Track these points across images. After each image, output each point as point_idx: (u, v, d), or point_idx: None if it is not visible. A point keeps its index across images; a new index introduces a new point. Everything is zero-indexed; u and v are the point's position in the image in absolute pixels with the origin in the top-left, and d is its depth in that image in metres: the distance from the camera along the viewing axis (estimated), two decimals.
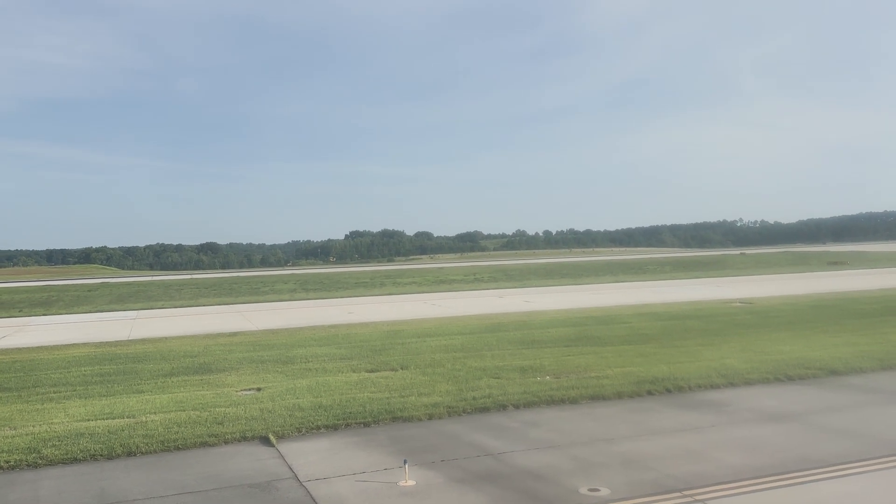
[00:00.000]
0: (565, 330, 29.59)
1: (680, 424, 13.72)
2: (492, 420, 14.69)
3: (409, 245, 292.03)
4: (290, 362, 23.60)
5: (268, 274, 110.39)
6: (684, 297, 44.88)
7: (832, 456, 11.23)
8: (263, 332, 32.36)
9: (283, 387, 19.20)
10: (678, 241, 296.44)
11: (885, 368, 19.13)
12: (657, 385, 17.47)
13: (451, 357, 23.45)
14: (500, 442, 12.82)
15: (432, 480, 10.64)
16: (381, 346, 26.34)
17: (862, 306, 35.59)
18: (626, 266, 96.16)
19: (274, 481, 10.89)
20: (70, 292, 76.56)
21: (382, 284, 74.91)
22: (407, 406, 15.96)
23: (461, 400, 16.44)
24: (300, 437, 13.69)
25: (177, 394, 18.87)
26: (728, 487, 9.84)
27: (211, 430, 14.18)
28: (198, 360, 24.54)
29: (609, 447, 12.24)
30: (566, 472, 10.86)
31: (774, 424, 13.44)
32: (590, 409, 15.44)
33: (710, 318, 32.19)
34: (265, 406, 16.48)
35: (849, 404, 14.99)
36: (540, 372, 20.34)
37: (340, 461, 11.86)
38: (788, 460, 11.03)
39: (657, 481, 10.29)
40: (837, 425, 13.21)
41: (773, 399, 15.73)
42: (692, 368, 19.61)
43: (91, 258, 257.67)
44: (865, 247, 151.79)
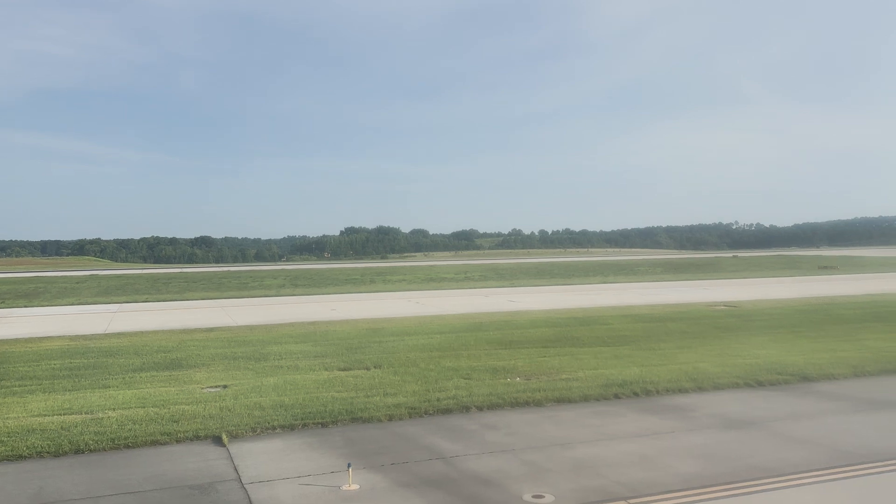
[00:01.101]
0: (545, 330, 29.40)
1: (640, 429, 13.53)
2: (452, 422, 14.48)
3: (404, 242, 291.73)
4: (263, 359, 23.36)
5: (258, 269, 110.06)
6: (670, 299, 44.73)
7: (785, 465, 11.04)
8: (242, 327, 32.09)
9: (249, 384, 18.96)
10: (674, 242, 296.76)
11: (857, 375, 18.96)
12: (625, 388, 17.28)
13: (427, 356, 23.23)
14: (456, 445, 12.60)
15: (377, 484, 10.43)
16: (358, 345, 26.11)
17: (845, 311, 35.47)
18: (617, 267, 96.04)
19: (216, 482, 10.66)
20: (57, 284, 76.15)
21: (372, 281, 74.68)
22: (369, 406, 15.74)
23: (425, 401, 16.22)
24: (254, 437, 13.45)
25: (142, 390, 18.62)
26: (672, 496, 9.64)
27: (165, 429, 13.93)
28: (170, 356, 24.28)
29: (563, 452, 12.03)
30: (515, 478, 10.65)
31: (734, 431, 13.25)
32: (553, 413, 15.23)
33: (692, 321, 32.03)
34: (226, 404, 16.24)
35: (814, 412, 14.81)
36: (512, 373, 20.14)
37: (289, 463, 11.64)
38: (740, 469, 10.84)
39: (604, 488, 10.09)
40: (798, 433, 13.02)
41: (738, 405, 15.54)
42: (664, 372, 19.43)
43: (85, 250, 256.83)
44: (859, 251, 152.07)
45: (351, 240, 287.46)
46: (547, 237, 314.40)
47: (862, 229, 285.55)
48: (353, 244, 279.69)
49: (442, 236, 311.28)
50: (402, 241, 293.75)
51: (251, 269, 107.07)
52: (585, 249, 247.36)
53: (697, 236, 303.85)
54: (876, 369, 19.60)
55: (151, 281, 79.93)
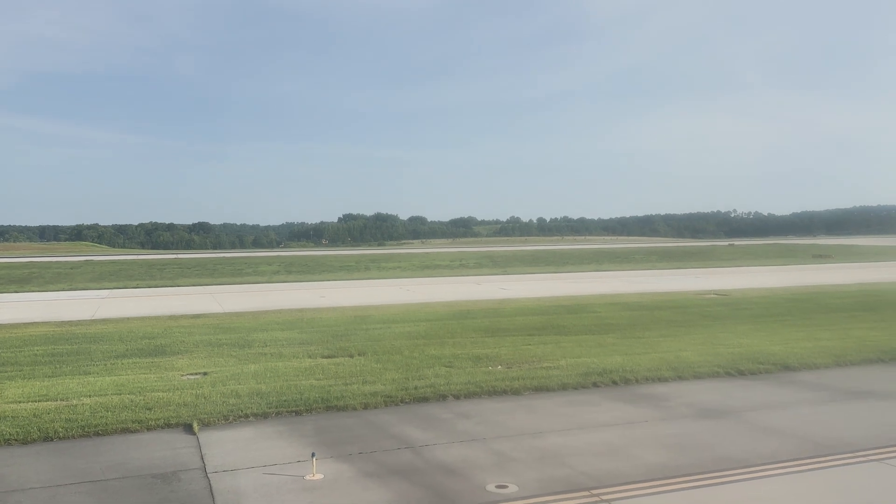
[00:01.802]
0: (533, 318, 29.34)
1: (613, 419, 13.47)
2: (427, 411, 14.42)
3: (402, 229, 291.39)
4: (247, 346, 23.28)
5: (253, 255, 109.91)
6: (662, 287, 44.67)
7: (754, 456, 10.99)
8: (229, 314, 32.02)
9: (229, 372, 18.89)
10: (672, 230, 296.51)
11: (839, 365, 18.91)
12: (604, 377, 17.22)
13: (411, 344, 23.17)
14: (427, 434, 12.54)
15: (342, 474, 10.36)
16: (344, 332, 26.03)
17: (835, 300, 35.42)
18: (612, 255, 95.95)
19: (180, 471, 10.59)
20: (52, 269, 75.99)
21: (367, 268, 74.58)
22: (346, 395, 15.67)
23: (403, 389, 16.16)
24: (225, 426, 13.39)
25: (121, 376, 18.54)
26: (637, 487, 9.58)
27: (137, 416, 13.86)
28: (154, 342, 24.20)
29: (533, 441, 11.97)
30: (481, 468, 10.59)
31: (708, 421, 13.20)
32: (529, 401, 15.17)
33: (680, 310, 31.97)
34: (202, 392, 16.17)
35: (790, 402, 14.75)
36: (494, 361, 20.08)
37: (256, 452, 11.57)
38: (707, 460, 10.78)
39: (569, 479, 10.03)
40: (771, 424, 12.96)
41: (715, 394, 15.49)
42: (645, 360, 19.37)
43: (82, 235, 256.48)
44: (856, 240, 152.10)
45: (349, 226, 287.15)
46: (545, 225, 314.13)
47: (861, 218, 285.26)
48: (351, 231, 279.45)
49: (440, 223, 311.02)
50: (399, 228, 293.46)
51: (246, 256, 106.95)
52: (583, 237, 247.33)
53: (695, 224, 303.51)
54: (858, 358, 19.56)
55: (146, 267, 79.79)
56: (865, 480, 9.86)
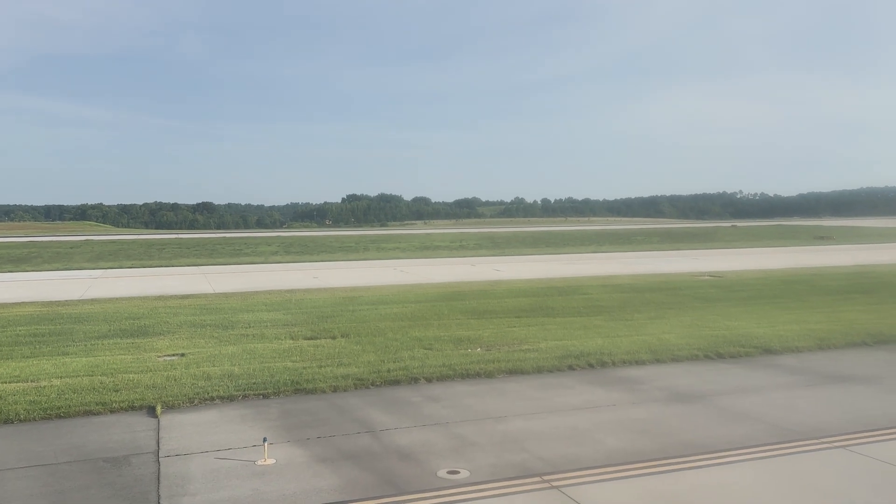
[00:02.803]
0: (522, 300, 29.12)
1: (583, 402, 13.26)
2: (397, 394, 14.24)
3: (405, 210, 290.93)
4: (231, 327, 23.16)
5: (253, 236, 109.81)
6: (658, 269, 44.36)
7: (718, 442, 10.77)
8: (218, 295, 31.89)
9: (207, 353, 18.76)
10: (677, 211, 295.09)
11: (821, 348, 18.65)
12: (581, 360, 17.01)
13: (397, 325, 23.01)
14: (390, 417, 12.37)
15: (295, 459, 10.20)
16: (331, 313, 25.87)
17: (831, 282, 35.08)
18: (613, 236, 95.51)
19: (132, 455, 10.45)
20: (51, 249, 76.04)
21: (366, 249, 74.39)
22: (318, 377, 15.52)
23: (375, 372, 16.00)
24: (190, 409, 13.25)
25: (98, 357, 18.44)
26: (590, 473, 9.39)
27: (102, 398, 13.73)
28: (138, 323, 24.10)
29: (497, 425, 11.78)
30: (437, 452, 10.41)
31: (678, 405, 12.98)
32: (501, 384, 14.99)
33: (672, 292, 31.68)
34: (175, 373, 16.03)
35: (765, 386, 14.51)
36: (475, 343, 19.90)
37: (215, 436, 11.42)
38: (670, 445, 10.57)
39: (524, 464, 9.84)
40: (741, 408, 12.73)
41: (691, 378, 15.26)
42: (627, 343, 19.15)
43: (87, 215, 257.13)
44: (861, 222, 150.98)
45: (352, 207, 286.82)
46: (549, 206, 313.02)
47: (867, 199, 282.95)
48: (355, 212, 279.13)
49: (444, 204, 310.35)
50: (403, 208, 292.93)
51: (246, 236, 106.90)
52: (586, 218, 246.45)
53: (701, 206, 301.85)
54: (843, 342, 19.28)
55: (145, 247, 79.77)
56: (825, 467, 9.64)
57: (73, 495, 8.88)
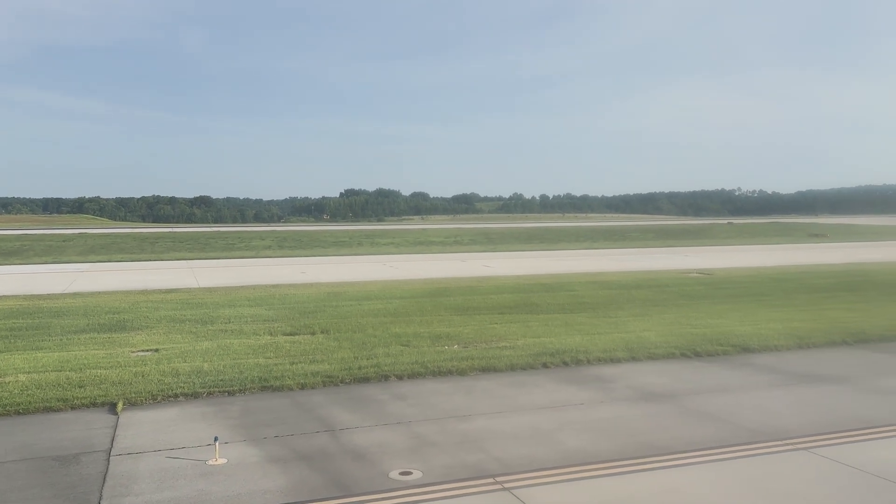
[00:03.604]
0: (508, 297, 28.94)
1: (550, 401, 13.08)
2: (364, 392, 14.06)
3: (403, 205, 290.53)
4: (210, 322, 22.97)
5: (248, 230, 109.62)
6: (649, 265, 44.19)
7: (681, 443, 10.59)
8: (202, 289, 31.69)
9: (181, 349, 18.58)
10: (675, 208, 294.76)
11: (800, 347, 18.47)
12: (556, 357, 16.83)
13: (378, 322, 22.83)
14: (353, 416, 12.19)
15: (247, 459, 10.01)
16: (314, 309, 25.69)
17: (820, 280, 34.92)
18: (609, 233, 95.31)
19: (83, 454, 10.26)
20: (44, 242, 75.79)
21: (360, 244, 74.22)
22: (287, 374, 15.33)
23: (346, 369, 15.81)
24: (152, 406, 13.06)
25: (70, 352, 18.25)
26: (544, 474, 9.21)
27: (65, 395, 13.54)
28: (118, 317, 23.91)
29: (459, 424, 11.60)
30: (393, 453, 10.23)
31: (645, 405, 12.79)
32: (472, 382, 14.80)
33: (659, 289, 31.51)
34: (143, 369, 15.84)
35: (738, 385, 14.33)
36: (453, 340, 19.73)
37: (171, 434, 11.23)
38: (629, 446, 10.39)
39: (479, 465, 9.66)
40: (710, 409, 12.55)
41: (664, 377, 15.08)
42: (605, 340, 18.98)
43: (84, 208, 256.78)
44: (858, 220, 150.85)
45: (350, 202, 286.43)
46: (548, 202, 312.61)
47: (866, 197, 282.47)
48: (353, 206, 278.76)
49: (442, 199, 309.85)
50: (401, 203, 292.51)
51: (241, 230, 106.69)
52: (584, 215, 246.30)
53: (699, 202, 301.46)
54: (823, 341, 19.11)
55: (139, 240, 79.50)
56: (785, 470, 9.45)
57: (12, 496, 8.70)
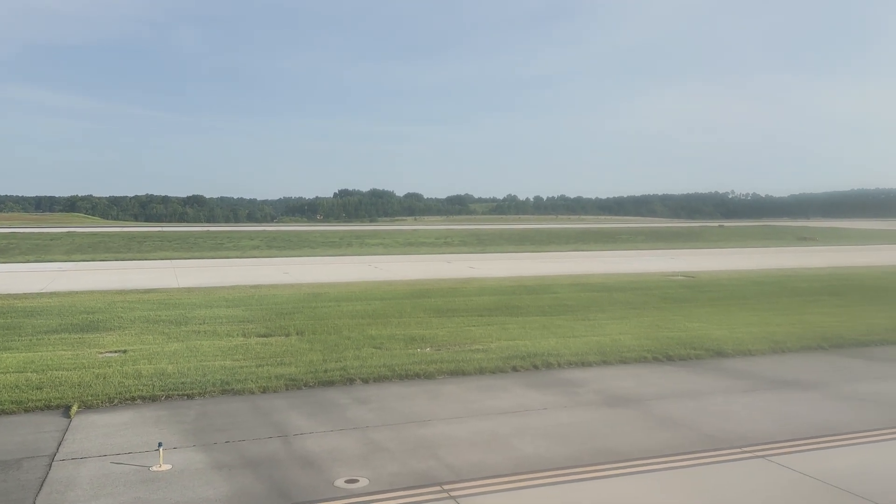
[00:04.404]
0: (489, 299, 28.76)
1: (514, 406, 12.90)
2: (327, 395, 13.85)
3: (397, 206, 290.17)
4: (185, 323, 22.71)
5: (238, 230, 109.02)
6: (634, 268, 44.09)
7: (637, 450, 10.41)
8: (181, 290, 31.40)
9: (150, 350, 18.33)
10: (668, 211, 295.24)
11: (774, 352, 18.35)
12: (527, 361, 16.66)
13: (355, 323, 22.61)
14: (310, 421, 11.97)
15: (192, 465, 9.79)
16: (291, 310, 25.46)
17: (803, 284, 34.86)
18: (599, 235, 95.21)
19: (26, 459, 10.03)
20: (31, 241, 75.15)
21: (349, 245, 73.90)
22: (251, 377, 15.11)
23: (312, 372, 15.60)
24: (107, 409, 12.82)
25: (37, 353, 17.99)
26: (495, 482, 9.02)
27: (21, 397, 13.29)
28: (92, 317, 23.61)
29: (417, 430, 11.40)
30: (343, 459, 10.01)
31: (609, 410, 12.62)
32: (438, 386, 14.61)
33: (641, 291, 31.39)
34: (106, 371, 15.59)
35: (705, 391, 14.17)
36: (428, 343, 19.54)
37: (120, 438, 11.00)
38: (586, 453, 10.20)
39: (428, 472, 9.46)
40: (673, 414, 12.38)
41: (632, 381, 14.91)
42: (579, 344, 18.81)
43: (77, 207, 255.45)
44: (848, 223, 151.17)
45: (344, 202, 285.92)
46: (542, 203, 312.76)
47: (858, 201, 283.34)
48: (346, 207, 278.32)
49: (436, 200, 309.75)
50: (395, 204, 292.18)
51: (231, 230, 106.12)
52: (577, 216, 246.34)
53: (692, 205, 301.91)
54: (798, 345, 18.99)
55: (127, 239, 78.94)
56: (736, 479, 9.28)
57: None
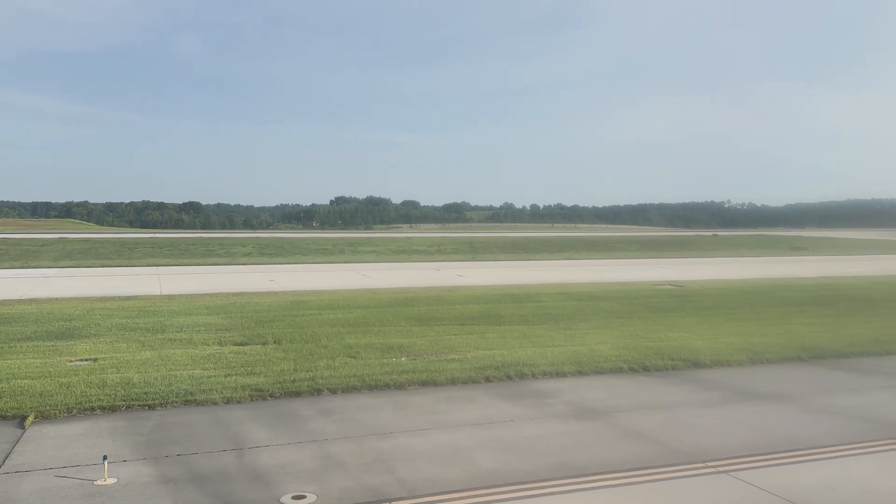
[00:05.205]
0: (474, 307, 28.52)
1: (480, 418, 12.63)
2: (291, 406, 13.58)
3: (394, 213, 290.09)
4: (161, 331, 22.44)
5: (230, 236, 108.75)
6: (623, 277, 43.89)
7: (597, 464, 10.15)
8: (163, 297, 31.12)
9: (121, 358, 18.05)
10: (665, 219, 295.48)
11: (752, 363, 18.13)
12: (501, 371, 16.41)
13: (334, 332, 22.36)
14: (269, 433, 11.70)
15: (138, 479, 9.51)
16: (272, 318, 25.20)
17: (791, 294, 34.70)
18: (593, 243, 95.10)
19: None
20: (21, 247, 74.82)
21: (342, 252, 73.64)
22: (216, 388, 14.84)
23: (280, 382, 15.33)
24: (64, 420, 12.53)
25: (6, 361, 17.71)
26: (445, 498, 8.77)
27: None
28: (69, 325, 23.33)
29: (376, 443, 11.13)
30: (295, 474, 9.74)
31: (576, 422, 12.36)
32: (407, 397, 14.35)
33: (627, 300, 31.16)
34: (71, 380, 15.31)
35: (676, 402, 13.93)
36: (405, 352, 19.29)
37: (70, 450, 10.72)
38: (545, 467, 9.94)
39: (379, 488, 9.20)
40: (641, 427, 12.13)
41: (604, 392, 14.66)
42: (556, 353, 18.58)
43: (72, 213, 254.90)
44: (843, 233, 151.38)
45: (340, 209, 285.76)
46: (538, 212, 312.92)
47: (854, 211, 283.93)
48: (342, 214, 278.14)
49: (433, 208, 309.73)
50: (391, 212, 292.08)
51: (224, 237, 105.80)
52: (573, 225, 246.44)
53: (689, 214, 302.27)
54: (777, 356, 18.77)
55: (118, 246, 78.67)
56: (697, 495, 9.04)
57: None
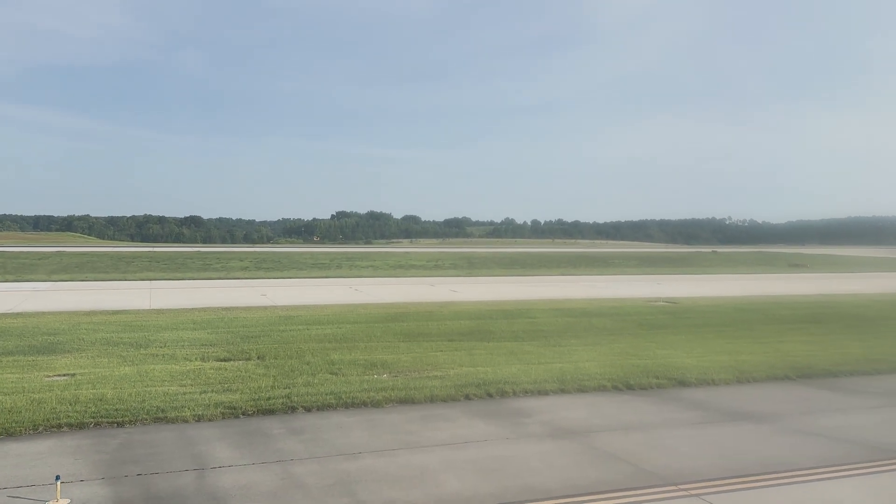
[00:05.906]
0: (464, 323, 28.27)
1: (453, 437, 12.37)
2: (262, 425, 13.32)
3: (394, 228, 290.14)
4: (145, 346, 22.20)
5: (229, 251, 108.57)
6: (618, 293, 43.61)
7: (565, 486, 9.88)
8: (151, 311, 30.90)
9: (99, 374, 17.82)
10: (665, 236, 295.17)
11: (739, 382, 17.84)
12: (482, 389, 16.15)
13: (320, 347, 22.13)
14: (234, 453, 11.44)
15: (92, 500, 9.27)
16: (258, 333, 24.97)
17: (786, 311, 34.38)
18: (592, 259, 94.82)
19: None
20: (18, 260, 74.71)
21: (339, 266, 73.41)
22: (189, 405, 14.59)
23: (256, 399, 15.09)
24: (30, 437, 12.30)
25: None
26: None
27: None
28: (52, 339, 23.11)
29: (343, 464, 10.87)
30: (253, 497, 9.49)
31: (551, 443, 12.09)
32: (383, 416, 14.08)
33: (619, 317, 30.90)
34: (44, 396, 15.08)
35: (655, 422, 13.65)
36: (386, 369, 19.03)
37: (28, 469, 10.48)
38: (511, 490, 9.68)
39: None
40: (615, 447, 11.85)
41: (584, 411, 14.39)
42: (540, 371, 18.33)
43: (73, 226, 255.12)
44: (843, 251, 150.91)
45: (341, 224, 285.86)
46: (539, 227, 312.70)
47: (855, 228, 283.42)
48: (343, 228, 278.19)
49: (434, 223, 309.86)
50: (392, 226, 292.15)
51: (222, 251, 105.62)
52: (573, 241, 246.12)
53: (690, 231, 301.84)
54: (764, 375, 18.49)
55: (115, 259, 78.52)
56: None
57: None
